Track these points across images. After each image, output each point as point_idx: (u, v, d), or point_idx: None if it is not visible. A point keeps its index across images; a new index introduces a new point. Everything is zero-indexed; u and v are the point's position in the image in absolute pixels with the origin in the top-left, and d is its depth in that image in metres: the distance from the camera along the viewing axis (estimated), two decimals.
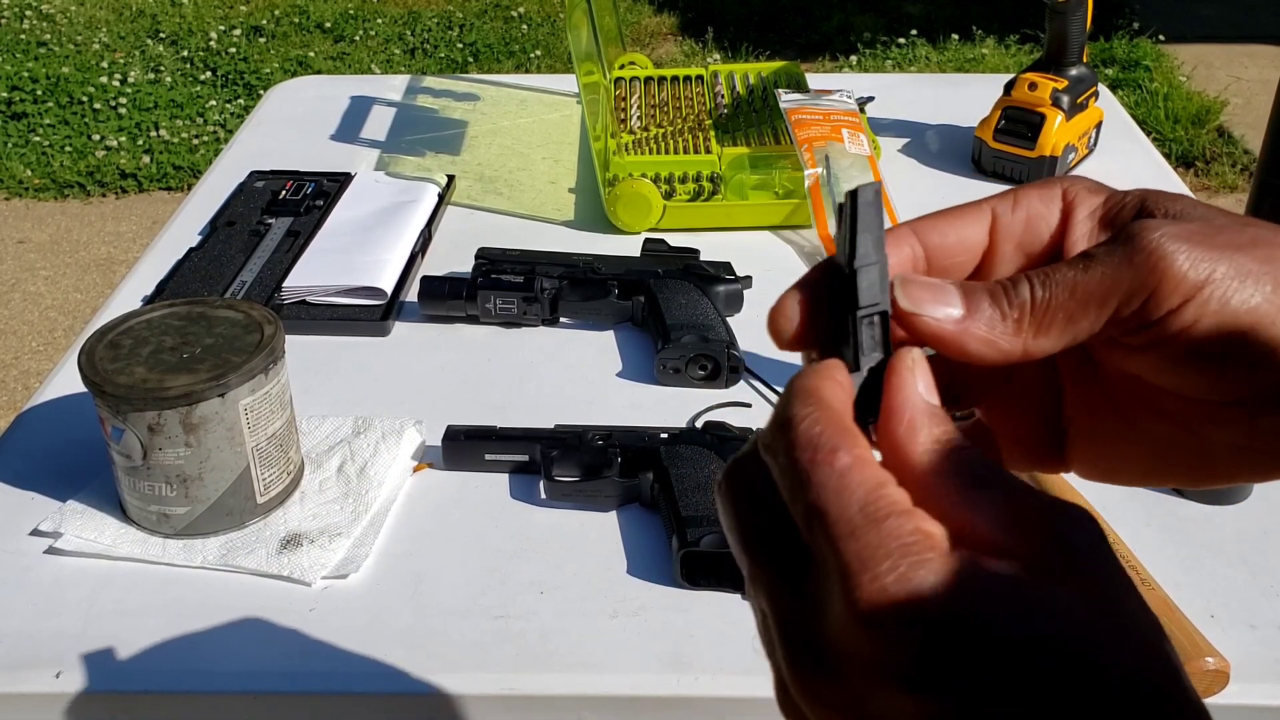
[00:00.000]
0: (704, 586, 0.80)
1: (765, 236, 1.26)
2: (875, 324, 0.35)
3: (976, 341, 0.34)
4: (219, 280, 1.15)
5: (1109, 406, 0.39)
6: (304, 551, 0.82)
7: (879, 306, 0.35)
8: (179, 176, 3.58)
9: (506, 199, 1.35)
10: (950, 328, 0.34)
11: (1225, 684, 0.71)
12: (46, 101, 3.87)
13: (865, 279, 0.34)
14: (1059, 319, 0.34)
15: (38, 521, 0.86)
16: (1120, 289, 0.34)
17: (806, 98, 1.37)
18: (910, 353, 0.34)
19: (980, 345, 0.34)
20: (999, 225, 0.38)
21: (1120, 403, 0.38)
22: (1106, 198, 0.38)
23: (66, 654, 0.76)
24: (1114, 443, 0.39)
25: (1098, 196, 0.38)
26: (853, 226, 0.34)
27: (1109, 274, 0.34)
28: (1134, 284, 0.34)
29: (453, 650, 0.76)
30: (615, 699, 0.74)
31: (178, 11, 4.59)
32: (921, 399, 0.32)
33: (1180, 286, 0.33)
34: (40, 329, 2.92)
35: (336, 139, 1.49)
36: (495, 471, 0.91)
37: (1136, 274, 0.33)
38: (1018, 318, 0.34)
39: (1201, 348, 0.34)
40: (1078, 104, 1.33)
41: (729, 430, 0.91)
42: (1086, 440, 0.40)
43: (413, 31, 4.49)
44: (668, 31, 4.61)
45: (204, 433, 0.80)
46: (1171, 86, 3.90)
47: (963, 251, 0.38)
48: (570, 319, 1.11)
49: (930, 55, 4.25)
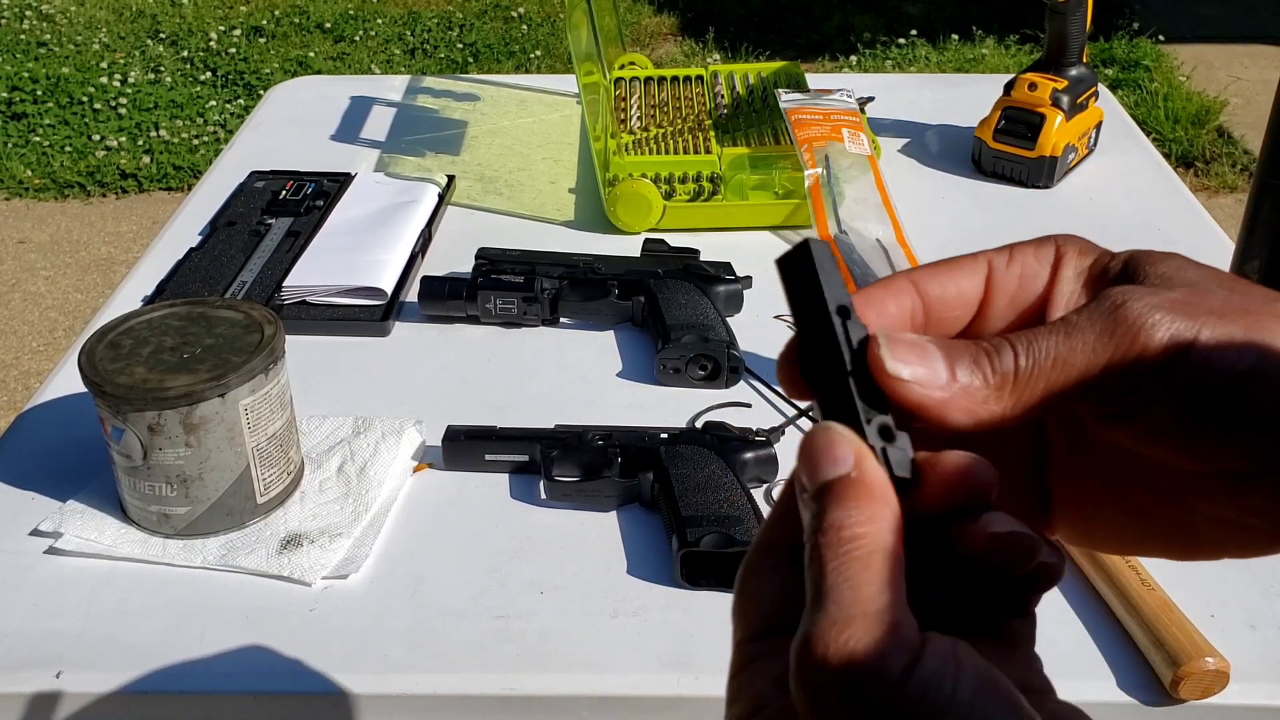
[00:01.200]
0: (704, 586, 0.80)
1: (765, 236, 1.26)
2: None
3: (958, 411, 0.34)
4: (219, 280, 1.15)
5: (1094, 472, 0.38)
6: (304, 551, 0.82)
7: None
8: (179, 176, 3.58)
9: (506, 199, 1.35)
10: (934, 397, 0.33)
11: (1225, 684, 0.71)
12: (46, 102, 3.87)
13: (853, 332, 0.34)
14: (1040, 389, 0.34)
15: (38, 521, 0.86)
16: (1101, 360, 0.33)
17: (806, 98, 1.37)
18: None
19: (960, 414, 0.34)
20: (994, 279, 0.37)
21: (1106, 469, 0.38)
22: (1094, 259, 0.37)
23: (66, 654, 0.76)
24: (1099, 508, 0.38)
25: (1086, 258, 0.37)
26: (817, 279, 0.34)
27: (1089, 344, 0.33)
28: (1114, 355, 0.33)
29: (453, 650, 0.76)
30: (615, 699, 0.74)
31: (178, 12, 4.59)
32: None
33: (1161, 357, 0.33)
34: (40, 329, 2.92)
35: (336, 139, 1.49)
36: (495, 471, 0.91)
37: (1117, 346, 0.33)
38: (999, 385, 0.34)
39: (1182, 418, 0.33)
40: (1078, 104, 1.33)
41: (729, 430, 0.91)
42: (1072, 504, 0.39)
43: (413, 32, 4.49)
44: (668, 31, 4.61)
45: (204, 433, 0.80)
46: (1171, 86, 3.91)
47: (960, 305, 0.37)
48: (570, 319, 1.11)
49: (930, 55, 4.25)
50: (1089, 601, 0.79)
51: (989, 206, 1.32)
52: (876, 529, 0.31)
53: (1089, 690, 0.73)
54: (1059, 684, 0.35)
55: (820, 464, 0.32)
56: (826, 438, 0.33)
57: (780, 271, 0.35)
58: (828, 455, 0.32)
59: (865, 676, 0.28)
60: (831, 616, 0.29)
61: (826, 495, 0.32)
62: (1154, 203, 1.33)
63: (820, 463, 0.32)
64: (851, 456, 0.32)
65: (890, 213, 1.25)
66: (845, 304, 0.34)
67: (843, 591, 0.30)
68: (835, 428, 0.33)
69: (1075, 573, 0.81)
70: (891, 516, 0.32)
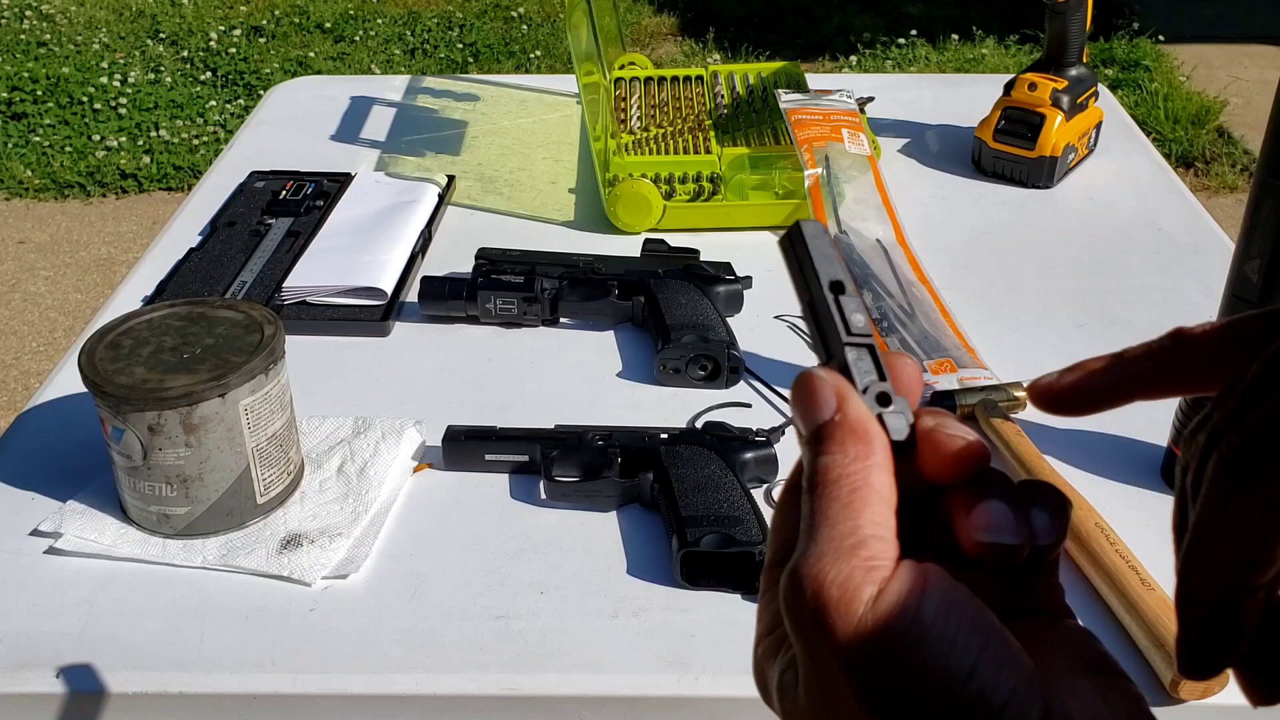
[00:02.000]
0: (704, 586, 0.80)
1: (765, 236, 1.26)
2: (867, 356, 0.36)
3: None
4: (219, 280, 1.15)
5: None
6: (304, 551, 0.82)
7: (869, 339, 0.36)
8: (179, 177, 3.58)
9: (506, 199, 1.35)
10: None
11: (1225, 684, 0.71)
12: (47, 102, 3.87)
13: (847, 305, 0.36)
14: None
15: (38, 521, 0.86)
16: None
17: (806, 98, 1.37)
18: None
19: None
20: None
21: None
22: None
23: (66, 654, 0.76)
24: None
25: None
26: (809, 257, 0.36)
27: None
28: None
29: (453, 650, 0.76)
30: (615, 699, 0.74)
31: (178, 12, 4.59)
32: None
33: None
34: (40, 329, 2.92)
35: (336, 139, 1.49)
36: (495, 472, 0.91)
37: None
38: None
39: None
40: (1078, 104, 1.33)
41: (729, 430, 0.91)
42: None
43: (413, 32, 4.49)
44: (668, 31, 4.61)
45: (204, 433, 0.80)
46: (1171, 86, 3.91)
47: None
48: (570, 319, 1.11)
49: (930, 55, 4.25)
50: (1089, 601, 0.79)
51: (989, 206, 1.32)
52: (859, 468, 0.34)
53: None
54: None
55: (808, 410, 0.35)
56: (809, 383, 0.35)
57: (782, 254, 0.37)
58: (813, 400, 0.35)
59: (833, 605, 0.31)
60: (810, 553, 0.32)
61: (816, 440, 0.35)
62: (1154, 203, 1.33)
63: (807, 409, 0.35)
64: (834, 399, 0.35)
65: (890, 213, 1.25)
66: (838, 278, 0.36)
67: (821, 530, 0.33)
68: (817, 373, 0.35)
69: (1075, 573, 0.81)
70: (875, 454, 0.34)
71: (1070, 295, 1.15)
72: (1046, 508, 0.35)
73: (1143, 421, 0.95)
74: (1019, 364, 1.03)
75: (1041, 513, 0.35)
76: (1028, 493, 0.35)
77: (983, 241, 1.25)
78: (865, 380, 0.36)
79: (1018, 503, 0.34)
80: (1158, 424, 0.92)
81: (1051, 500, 0.35)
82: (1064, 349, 1.07)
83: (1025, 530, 0.34)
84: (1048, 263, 1.21)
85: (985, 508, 0.34)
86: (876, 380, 0.36)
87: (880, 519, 0.33)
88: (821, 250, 0.36)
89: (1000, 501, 0.34)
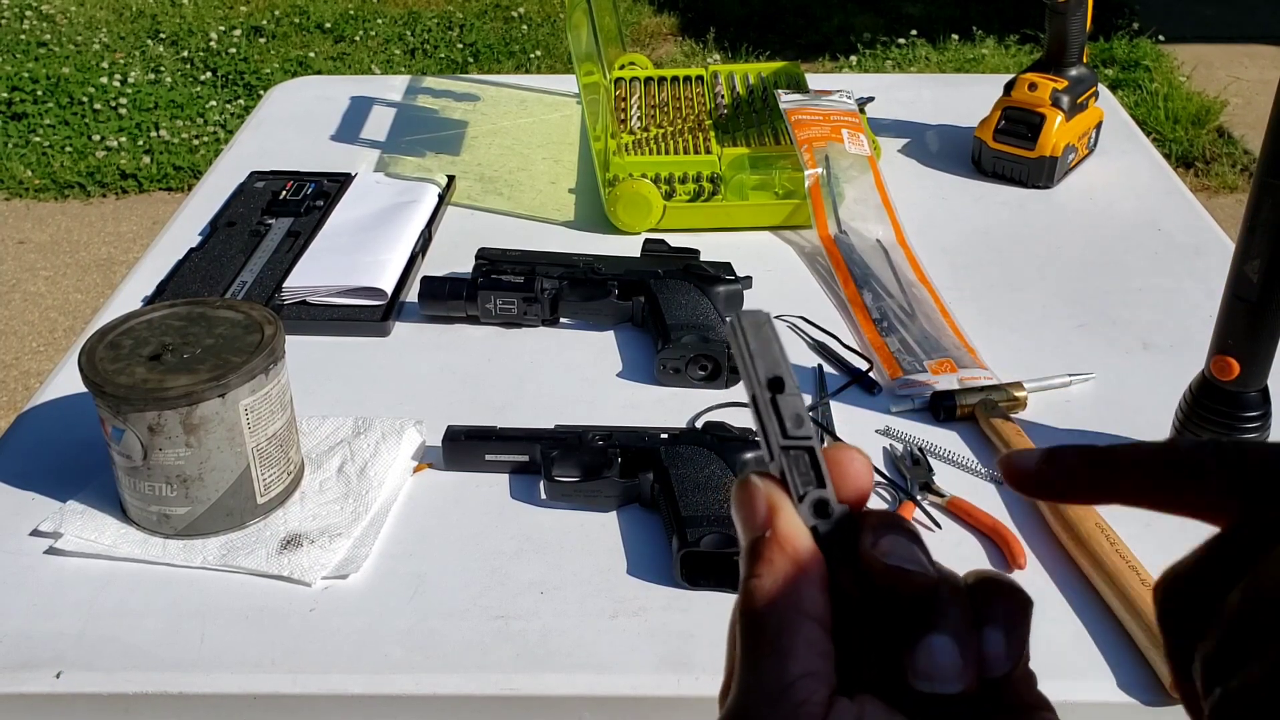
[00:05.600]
0: (704, 586, 0.80)
1: (765, 236, 1.26)
2: (805, 459, 0.34)
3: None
4: (219, 280, 1.15)
5: None
6: (304, 552, 0.82)
7: (808, 441, 0.34)
8: (179, 177, 3.58)
9: (506, 199, 1.35)
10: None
11: None
12: (47, 102, 3.87)
13: (784, 404, 0.34)
14: None
15: (38, 521, 0.86)
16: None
17: (806, 98, 1.37)
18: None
19: None
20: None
21: None
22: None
23: (66, 654, 0.76)
24: None
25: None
26: (749, 350, 0.34)
27: None
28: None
29: (453, 650, 0.76)
30: (615, 699, 0.74)
31: (178, 12, 4.59)
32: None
33: None
34: (40, 329, 2.92)
35: (336, 139, 1.49)
36: (495, 472, 0.91)
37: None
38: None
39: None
40: (1078, 104, 1.33)
41: (729, 430, 0.91)
42: None
43: (413, 32, 4.49)
44: (668, 31, 4.61)
45: (204, 433, 0.80)
46: (1171, 87, 3.90)
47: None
48: (570, 319, 1.11)
49: (930, 55, 4.25)
50: (1089, 601, 0.79)
51: (989, 206, 1.32)
52: (788, 591, 0.32)
53: (1089, 690, 0.73)
54: (1058, 684, 0.35)
55: (743, 522, 0.34)
56: (743, 493, 0.34)
57: (729, 339, 0.36)
58: (747, 511, 0.34)
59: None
60: (738, 703, 0.32)
61: (749, 557, 0.33)
62: (1154, 203, 1.33)
63: (743, 520, 0.34)
64: (765, 512, 0.33)
65: (890, 213, 1.25)
66: (777, 374, 0.34)
67: (748, 677, 0.32)
68: (754, 481, 0.34)
69: (1075, 573, 0.81)
70: (805, 571, 0.32)
71: (1070, 295, 1.15)
72: (1001, 623, 0.32)
73: (1143, 422, 0.95)
74: (1019, 364, 1.03)
75: (996, 633, 0.32)
76: (982, 598, 0.32)
77: (983, 241, 1.25)
78: (802, 488, 0.34)
79: (966, 628, 0.32)
80: (1158, 425, 0.92)
81: (1010, 607, 0.32)
82: (1064, 349, 1.07)
83: (972, 669, 0.31)
84: (1048, 263, 1.21)
85: (925, 647, 0.31)
86: (815, 487, 0.34)
87: (812, 647, 0.31)
88: (762, 343, 0.34)
89: (944, 637, 0.31)
